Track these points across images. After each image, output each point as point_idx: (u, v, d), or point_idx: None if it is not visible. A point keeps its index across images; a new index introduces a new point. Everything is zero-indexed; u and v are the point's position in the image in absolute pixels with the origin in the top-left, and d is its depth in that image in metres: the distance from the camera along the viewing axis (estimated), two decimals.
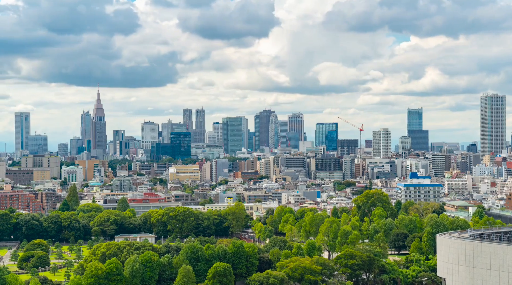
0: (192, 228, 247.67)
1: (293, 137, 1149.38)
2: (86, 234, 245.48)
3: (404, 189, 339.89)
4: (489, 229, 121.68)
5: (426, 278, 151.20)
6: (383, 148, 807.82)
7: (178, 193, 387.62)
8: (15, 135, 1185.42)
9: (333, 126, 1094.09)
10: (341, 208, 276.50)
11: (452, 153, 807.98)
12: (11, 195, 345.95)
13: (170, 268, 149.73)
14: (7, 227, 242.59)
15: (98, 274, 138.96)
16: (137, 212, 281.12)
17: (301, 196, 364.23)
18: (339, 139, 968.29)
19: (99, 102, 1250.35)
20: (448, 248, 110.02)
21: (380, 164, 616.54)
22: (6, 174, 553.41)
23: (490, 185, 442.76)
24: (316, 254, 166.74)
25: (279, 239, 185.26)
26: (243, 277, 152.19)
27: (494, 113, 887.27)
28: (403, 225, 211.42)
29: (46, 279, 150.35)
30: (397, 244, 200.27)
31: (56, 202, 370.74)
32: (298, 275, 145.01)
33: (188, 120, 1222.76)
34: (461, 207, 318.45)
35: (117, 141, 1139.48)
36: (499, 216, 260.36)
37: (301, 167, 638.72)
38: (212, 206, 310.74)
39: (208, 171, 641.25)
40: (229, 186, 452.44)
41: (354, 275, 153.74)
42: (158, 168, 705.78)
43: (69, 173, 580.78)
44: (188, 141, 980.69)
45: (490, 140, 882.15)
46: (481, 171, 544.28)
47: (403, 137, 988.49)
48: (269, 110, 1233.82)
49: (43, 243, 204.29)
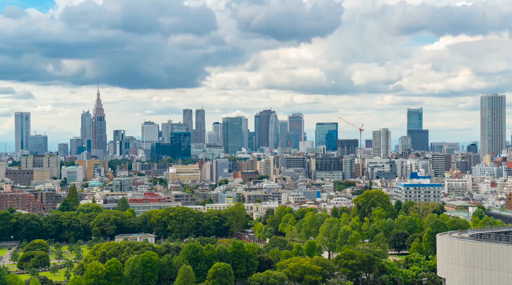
0: (192, 228, 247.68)
1: (293, 137, 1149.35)
2: (86, 234, 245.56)
3: (404, 189, 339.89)
4: (489, 229, 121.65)
5: (426, 278, 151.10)
6: (383, 148, 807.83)
7: (178, 193, 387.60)
8: (15, 135, 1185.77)
9: (333, 126, 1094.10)
10: (341, 208, 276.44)
11: (452, 153, 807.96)
12: (11, 195, 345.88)
13: (170, 268, 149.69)
14: (7, 227, 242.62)
15: (98, 274, 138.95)
16: (137, 212, 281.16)
17: (301, 196, 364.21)
18: (339, 139, 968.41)
19: (99, 102, 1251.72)
20: (448, 248, 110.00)
21: (380, 164, 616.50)
22: (6, 174, 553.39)
23: (490, 185, 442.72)
24: (316, 254, 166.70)
25: (279, 239, 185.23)
26: (243, 277, 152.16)
27: (494, 113, 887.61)
28: (403, 225, 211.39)
29: (46, 279, 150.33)
30: (397, 244, 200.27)
31: (56, 202, 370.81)
32: (298, 275, 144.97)
33: (188, 120, 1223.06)
34: (461, 207, 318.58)
35: (117, 141, 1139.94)
36: (499, 216, 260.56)
37: (301, 167, 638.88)
38: (212, 206, 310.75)
39: (208, 171, 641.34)
40: (229, 186, 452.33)
41: (354, 275, 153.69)
42: (158, 168, 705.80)
43: (69, 173, 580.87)
44: (188, 142, 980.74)
45: (490, 140, 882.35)
46: (481, 171, 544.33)
47: (403, 137, 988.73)
48: (269, 110, 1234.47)
49: (43, 243, 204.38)
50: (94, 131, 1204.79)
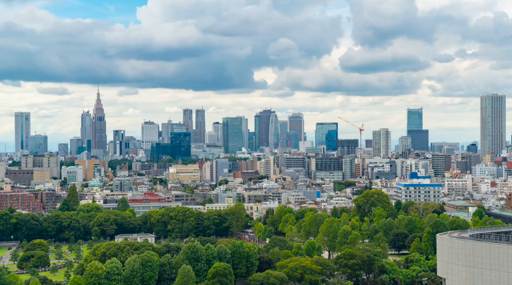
0: (192, 228, 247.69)
1: (293, 137, 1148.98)
2: (86, 234, 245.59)
3: (404, 189, 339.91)
4: (489, 229, 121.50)
5: (426, 278, 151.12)
6: (383, 147, 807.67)
7: (178, 193, 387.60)
8: (15, 135, 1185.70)
9: (333, 126, 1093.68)
10: (341, 208, 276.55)
11: (452, 153, 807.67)
12: (11, 195, 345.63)
13: (170, 268, 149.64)
14: (7, 227, 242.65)
15: (98, 274, 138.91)
16: (137, 212, 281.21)
17: (301, 196, 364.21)
18: (339, 139, 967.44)
19: (99, 102, 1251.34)
20: (448, 248, 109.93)
21: (380, 164, 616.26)
22: (6, 174, 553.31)
23: (490, 185, 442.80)
24: (316, 254, 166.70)
25: (279, 239, 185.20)
26: (243, 277, 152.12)
27: (494, 113, 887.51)
28: (403, 225, 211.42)
29: (46, 279, 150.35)
30: (397, 244, 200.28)
31: (56, 202, 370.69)
32: (298, 275, 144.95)
33: (188, 120, 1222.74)
34: (461, 207, 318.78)
35: (117, 141, 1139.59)
36: (499, 216, 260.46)
37: (301, 167, 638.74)
38: (212, 206, 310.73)
39: (208, 171, 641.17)
40: (229, 186, 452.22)
41: (354, 275, 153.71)
42: (158, 168, 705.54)
43: (69, 173, 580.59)
44: (188, 141, 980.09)
45: (490, 140, 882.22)
46: (481, 171, 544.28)
47: (403, 137, 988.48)
48: (269, 110, 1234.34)
49: (43, 243, 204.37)
50: (94, 131, 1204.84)
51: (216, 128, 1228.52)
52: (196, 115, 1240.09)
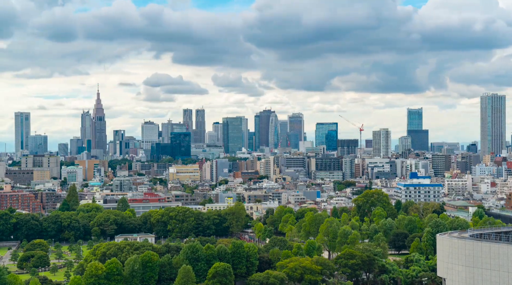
0: (192, 228, 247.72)
1: (293, 137, 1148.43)
2: (86, 234, 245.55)
3: (404, 189, 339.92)
4: (489, 229, 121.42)
5: (426, 278, 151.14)
6: (383, 147, 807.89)
7: (178, 193, 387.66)
8: (15, 135, 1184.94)
9: (333, 126, 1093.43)
10: (341, 208, 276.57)
11: (452, 152, 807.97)
12: (11, 195, 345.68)
13: (170, 268, 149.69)
14: (7, 227, 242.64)
15: (98, 274, 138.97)
16: (137, 212, 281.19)
17: (301, 196, 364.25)
18: (339, 139, 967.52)
19: (98, 102, 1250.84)
20: (448, 248, 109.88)
21: (380, 164, 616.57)
22: (6, 174, 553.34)
23: (490, 185, 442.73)
24: (316, 254, 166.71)
25: (279, 239, 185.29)
26: (243, 277, 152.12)
27: (494, 113, 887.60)
28: (403, 225, 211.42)
29: (46, 279, 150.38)
30: (397, 244, 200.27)
31: (56, 202, 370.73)
32: (298, 275, 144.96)
33: (188, 120, 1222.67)
34: (461, 207, 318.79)
35: (117, 141, 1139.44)
36: (499, 216, 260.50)
37: (301, 167, 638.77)
38: (212, 206, 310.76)
39: (208, 171, 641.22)
40: (229, 186, 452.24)
41: (354, 275, 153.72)
42: (158, 168, 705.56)
43: (69, 173, 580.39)
44: (188, 141, 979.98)
45: (490, 140, 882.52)
46: (481, 171, 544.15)
47: (403, 137, 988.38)
48: (269, 110, 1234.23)
49: (43, 243, 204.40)
50: (94, 131, 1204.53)
51: (216, 128, 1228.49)
52: (196, 115, 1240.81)
